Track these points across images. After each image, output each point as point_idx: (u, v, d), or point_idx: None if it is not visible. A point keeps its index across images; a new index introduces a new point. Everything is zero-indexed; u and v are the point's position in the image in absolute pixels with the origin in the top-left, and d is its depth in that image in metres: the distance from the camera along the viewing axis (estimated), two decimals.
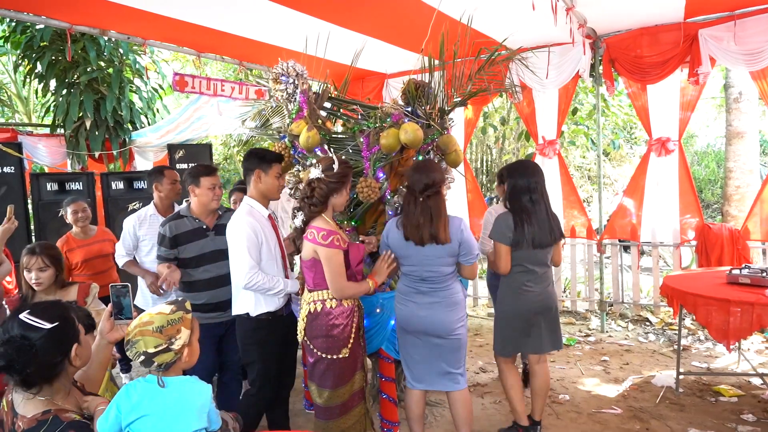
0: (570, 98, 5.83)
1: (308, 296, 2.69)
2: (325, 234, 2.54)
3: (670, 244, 5.45)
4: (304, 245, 2.63)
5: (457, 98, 3.41)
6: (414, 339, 2.83)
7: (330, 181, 2.60)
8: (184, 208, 3.16)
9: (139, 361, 1.61)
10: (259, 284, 2.66)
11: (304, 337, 2.71)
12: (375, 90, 6.78)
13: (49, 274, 2.70)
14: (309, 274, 2.66)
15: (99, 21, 4.71)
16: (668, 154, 5.25)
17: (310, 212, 2.64)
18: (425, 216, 2.66)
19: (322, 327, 2.62)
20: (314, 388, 2.72)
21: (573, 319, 5.88)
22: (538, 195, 2.98)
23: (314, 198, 2.60)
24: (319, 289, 2.64)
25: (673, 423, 3.41)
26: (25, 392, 1.56)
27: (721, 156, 11.68)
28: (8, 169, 5.38)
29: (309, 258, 2.62)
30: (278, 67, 3.36)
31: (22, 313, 1.58)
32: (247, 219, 2.72)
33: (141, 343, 1.61)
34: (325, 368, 2.65)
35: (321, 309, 2.63)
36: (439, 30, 3.36)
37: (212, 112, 7.01)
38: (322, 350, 2.63)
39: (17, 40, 7.26)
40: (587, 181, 11.42)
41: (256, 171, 2.83)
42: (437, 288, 2.75)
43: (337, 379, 2.66)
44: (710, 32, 4.68)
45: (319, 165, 2.64)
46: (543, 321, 3.08)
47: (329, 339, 2.62)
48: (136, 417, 1.57)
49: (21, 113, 11.47)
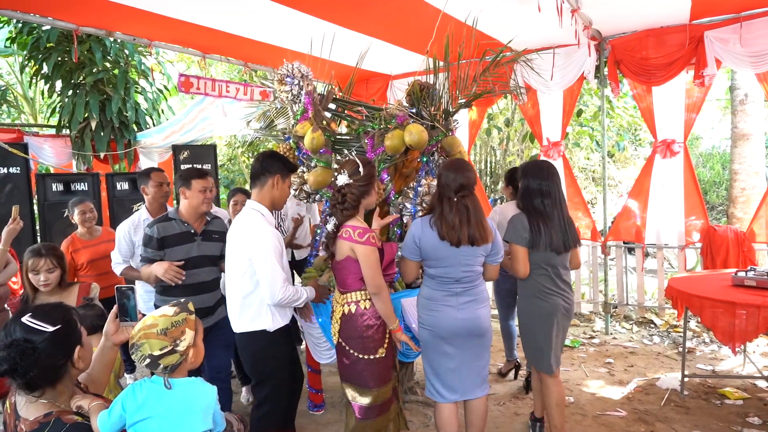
0: (575, 100, 5.82)
1: (341, 298, 2.66)
2: (361, 232, 2.53)
3: (675, 246, 5.43)
4: (339, 245, 2.58)
5: (461, 100, 3.41)
6: (447, 346, 2.64)
7: (360, 185, 2.59)
8: (172, 210, 3.12)
9: (145, 364, 1.61)
10: (289, 297, 2.57)
11: (338, 338, 2.68)
12: (380, 91, 6.78)
13: (57, 275, 2.74)
14: (342, 274, 2.62)
15: (105, 22, 4.73)
16: (673, 156, 5.23)
17: (343, 216, 2.61)
18: (461, 216, 2.55)
19: (357, 328, 2.60)
20: (353, 389, 2.66)
21: (577, 321, 5.86)
22: (551, 199, 2.88)
23: (347, 203, 2.59)
24: (353, 290, 2.61)
25: (678, 426, 3.40)
26: (28, 395, 1.56)
27: (727, 158, 11.64)
28: (14, 169, 5.40)
29: (344, 257, 2.58)
30: (283, 69, 3.37)
31: (25, 316, 1.57)
32: (268, 228, 2.62)
33: (146, 346, 1.61)
34: (363, 369, 2.61)
35: (355, 310, 2.60)
36: (444, 31, 3.36)
37: (217, 113, 7.02)
38: (359, 351, 2.61)
39: (24, 41, 7.29)
40: (592, 183, 11.39)
41: (277, 176, 2.71)
42: (470, 286, 2.65)
43: (379, 378, 2.63)
44: (716, 34, 4.67)
45: (344, 171, 2.61)
46: (562, 327, 2.99)
47: (365, 340, 2.60)
48: (142, 417, 1.57)
49: (27, 114, 11.53)
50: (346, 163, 2.69)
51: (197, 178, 3.04)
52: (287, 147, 3.49)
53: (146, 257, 3.00)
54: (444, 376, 2.68)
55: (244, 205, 3.75)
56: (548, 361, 2.92)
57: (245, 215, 2.70)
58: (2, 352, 1.50)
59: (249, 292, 2.61)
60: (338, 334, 2.67)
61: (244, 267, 2.59)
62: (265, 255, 2.53)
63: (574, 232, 2.96)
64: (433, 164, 3.37)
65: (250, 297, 2.61)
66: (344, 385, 2.72)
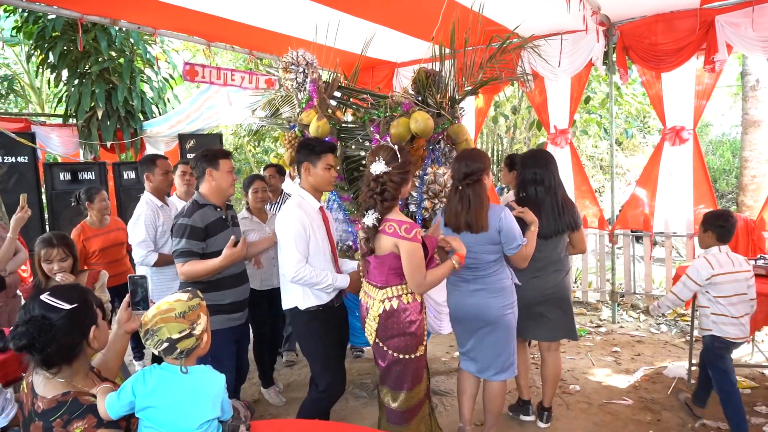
0: (582, 87, 5.76)
1: (380, 294, 2.49)
2: (408, 227, 2.39)
3: (684, 235, 5.39)
4: (382, 240, 2.44)
5: (468, 87, 3.39)
6: (460, 327, 2.86)
7: (399, 172, 2.43)
8: (198, 196, 2.84)
9: (161, 349, 1.62)
10: (306, 278, 2.56)
11: (375, 338, 2.52)
12: (385, 79, 6.74)
13: (69, 264, 2.78)
14: (381, 270, 2.49)
15: (109, 10, 4.72)
16: (682, 144, 5.17)
17: (384, 208, 2.44)
18: (463, 204, 2.65)
19: (398, 325, 2.46)
20: (387, 392, 2.58)
21: (584, 310, 5.85)
22: (544, 187, 2.98)
23: (387, 193, 2.42)
24: (393, 284, 2.48)
25: (684, 414, 3.39)
26: (45, 372, 1.60)
27: (737, 145, 11.52)
28: (22, 158, 5.43)
29: (387, 252, 2.44)
30: (288, 57, 3.35)
31: (43, 294, 1.62)
32: (296, 212, 2.62)
33: (164, 330, 1.62)
34: (402, 370, 2.50)
35: (397, 306, 2.45)
36: (450, 18, 3.32)
37: (222, 101, 7.02)
38: (398, 351, 2.47)
39: (29, 31, 7.29)
40: (599, 171, 11.31)
41: (305, 163, 2.72)
42: (480, 275, 2.70)
43: (414, 378, 2.53)
44: (727, 18, 4.58)
45: (380, 158, 2.44)
46: (552, 310, 3.07)
47: (406, 337, 2.46)
48: (152, 404, 1.58)
49: (34, 103, 11.57)
50: (379, 149, 2.50)
51: (224, 157, 2.85)
52: (292, 135, 3.48)
53: (191, 251, 2.70)
54: (465, 350, 2.85)
55: (265, 191, 3.84)
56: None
57: (288, 201, 2.80)
58: (21, 327, 1.55)
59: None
60: (375, 334, 2.50)
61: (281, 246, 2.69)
62: (286, 236, 2.60)
63: (571, 216, 3.00)
64: (439, 152, 3.36)
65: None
66: (380, 387, 2.64)
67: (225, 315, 2.81)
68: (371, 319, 2.51)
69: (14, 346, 1.56)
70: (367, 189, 2.48)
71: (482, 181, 2.69)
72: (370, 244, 2.49)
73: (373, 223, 2.44)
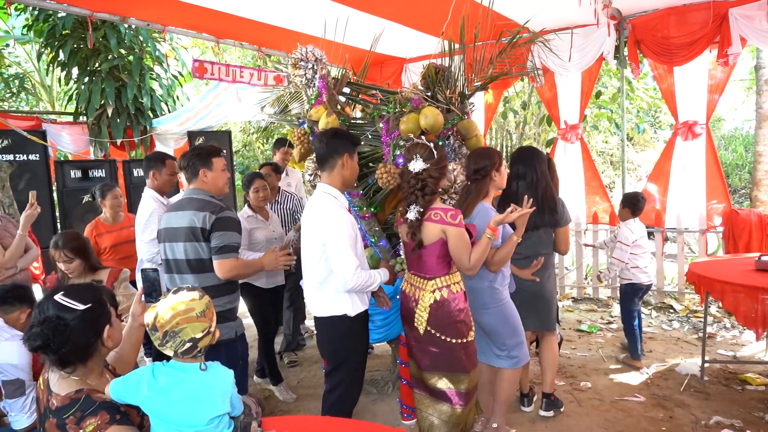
0: (593, 81, 5.71)
1: (429, 284, 2.56)
2: (453, 214, 2.48)
3: (696, 231, 5.34)
4: (429, 229, 2.50)
5: (477, 82, 3.36)
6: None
7: (437, 168, 2.52)
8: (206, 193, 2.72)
9: (183, 350, 1.59)
10: (362, 283, 2.47)
11: (426, 327, 2.56)
12: (394, 75, 6.73)
13: (76, 265, 2.76)
14: (430, 260, 2.55)
15: (119, 8, 4.74)
16: (695, 138, 5.12)
17: (425, 202, 2.52)
18: (464, 197, 2.89)
19: (450, 314, 2.53)
20: (448, 378, 2.60)
21: (595, 307, 5.81)
22: (526, 182, 3.10)
23: (428, 188, 2.51)
24: (441, 274, 2.55)
25: (697, 411, 3.36)
26: (61, 371, 1.61)
27: (750, 140, 11.38)
28: (33, 156, 5.47)
29: (435, 240, 2.50)
30: (297, 53, 3.34)
31: (57, 294, 1.62)
32: (344, 213, 2.52)
33: (188, 330, 1.58)
34: (459, 353, 2.56)
35: (447, 295, 2.53)
36: (460, 13, 3.29)
37: (231, 98, 7.02)
38: (453, 336, 2.54)
39: (40, 29, 7.33)
40: (610, 167, 11.23)
41: (345, 155, 2.56)
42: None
43: (473, 361, 2.62)
44: (741, 11, 4.52)
45: (418, 156, 2.51)
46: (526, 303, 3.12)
47: (459, 324, 2.54)
48: (161, 401, 1.58)
49: (45, 101, 11.65)
50: (416, 147, 2.55)
51: (217, 155, 2.72)
52: (302, 132, 3.47)
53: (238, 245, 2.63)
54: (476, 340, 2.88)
55: (266, 190, 3.80)
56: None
57: (317, 199, 2.61)
58: (36, 328, 1.56)
59: (324, 277, 2.55)
60: (426, 323, 2.56)
61: (318, 252, 2.53)
62: (338, 240, 2.45)
63: (554, 209, 3.09)
64: (449, 148, 3.33)
65: (328, 281, 2.55)
66: (431, 376, 2.63)
67: (237, 321, 2.75)
68: (422, 310, 2.57)
69: (29, 347, 1.57)
70: (407, 186, 2.56)
71: (489, 176, 2.83)
72: (417, 237, 2.53)
73: (416, 216, 2.51)
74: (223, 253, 2.54)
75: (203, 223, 2.54)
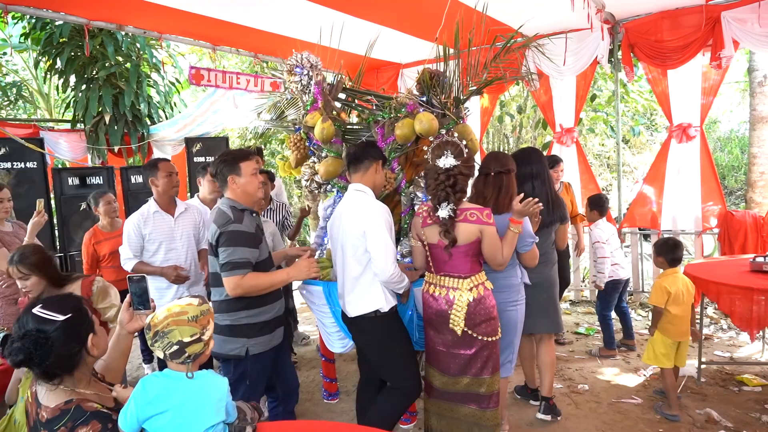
0: (588, 85, 5.75)
1: (465, 283, 2.57)
2: (488, 213, 2.53)
3: (692, 232, 5.36)
4: (466, 228, 2.52)
5: (472, 87, 3.38)
6: None
7: (466, 165, 2.57)
8: (233, 201, 2.57)
9: (170, 352, 1.61)
10: (397, 275, 2.53)
11: (464, 327, 2.55)
12: (390, 80, 6.75)
13: (33, 282, 2.51)
14: (465, 259, 2.57)
15: (116, 16, 4.76)
16: (690, 141, 5.15)
17: (457, 198, 2.54)
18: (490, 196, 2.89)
19: (485, 311, 2.56)
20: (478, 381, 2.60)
21: (592, 309, 5.81)
22: (540, 180, 3.14)
23: (458, 185, 2.54)
24: (476, 272, 2.60)
25: (694, 412, 3.37)
26: (47, 384, 1.59)
27: (745, 141, 11.41)
28: (31, 164, 5.49)
29: (471, 240, 2.53)
30: (292, 59, 3.36)
31: (35, 307, 1.59)
32: (381, 204, 2.60)
33: (176, 333, 1.60)
34: (490, 353, 2.59)
35: (483, 292, 2.58)
36: (454, 18, 3.32)
37: (228, 105, 7.05)
38: (486, 335, 2.57)
39: (37, 37, 7.36)
40: (606, 169, 11.26)
41: (379, 161, 2.71)
42: (489, 271, 2.76)
43: (498, 360, 2.65)
44: (733, 14, 4.56)
45: (448, 153, 2.53)
46: (537, 301, 3.15)
47: (492, 321, 2.58)
48: (156, 412, 1.57)
49: (42, 109, 11.66)
50: (446, 144, 2.56)
51: (244, 159, 2.56)
52: (298, 137, 3.49)
53: (249, 261, 2.43)
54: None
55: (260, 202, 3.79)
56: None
57: (351, 197, 2.68)
58: (17, 343, 1.53)
59: (360, 272, 2.60)
60: (464, 322, 2.54)
61: (355, 246, 2.57)
62: (379, 227, 2.51)
63: (561, 208, 3.20)
64: None
65: (362, 278, 2.60)
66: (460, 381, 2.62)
67: (268, 335, 2.56)
68: (458, 310, 2.56)
69: (11, 362, 1.54)
70: (436, 182, 2.56)
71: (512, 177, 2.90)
72: (452, 235, 2.52)
73: (449, 213, 2.50)
74: (226, 270, 2.40)
75: (212, 238, 2.49)
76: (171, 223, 3.47)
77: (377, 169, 2.71)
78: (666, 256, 3.39)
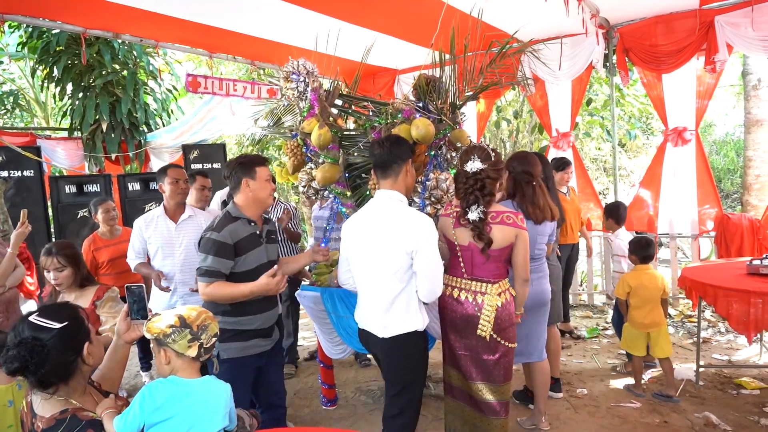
0: (584, 89, 5.77)
1: (494, 288, 2.54)
2: (521, 217, 2.53)
3: (689, 236, 5.37)
4: (503, 231, 2.49)
5: (468, 92, 3.39)
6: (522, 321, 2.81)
7: (494, 169, 2.55)
8: (232, 207, 2.58)
9: (209, 345, 1.70)
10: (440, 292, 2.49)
11: (491, 333, 2.52)
12: (386, 86, 6.78)
13: (67, 274, 2.62)
14: (496, 263, 2.54)
15: (112, 24, 4.78)
16: (685, 144, 5.17)
17: (486, 202, 2.51)
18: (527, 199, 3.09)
19: (509, 317, 2.56)
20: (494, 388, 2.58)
21: (590, 313, 5.82)
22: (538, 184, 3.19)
23: (487, 189, 2.51)
24: (504, 278, 2.59)
25: (692, 416, 3.37)
26: (42, 392, 1.58)
27: (740, 145, 11.46)
28: (28, 172, 5.49)
29: (506, 244, 2.51)
30: (289, 66, 3.37)
31: (32, 315, 1.60)
32: (428, 217, 2.43)
33: (213, 326, 1.72)
34: (509, 359, 2.60)
35: (509, 298, 2.58)
36: (450, 24, 3.34)
37: (225, 112, 7.07)
38: (508, 340, 2.56)
39: (34, 45, 7.38)
40: (603, 173, 11.29)
41: (409, 161, 2.51)
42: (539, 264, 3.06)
43: (511, 368, 2.63)
44: (727, 18, 4.59)
45: (476, 157, 2.53)
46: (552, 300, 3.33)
47: (512, 328, 2.57)
48: (163, 419, 1.57)
49: (39, 117, 11.66)
50: (474, 149, 2.58)
51: (261, 164, 2.56)
52: (295, 144, 3.49)
53: (217, 271, 2.41)
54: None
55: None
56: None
57: (384, 206, 2.45)
58: (13, 350, 1.53)
59: (399, 290, 2.38)
60: (492, 328, 2.51)
61: (398, 263, 2.34)
62: (433, 246, 2.35)
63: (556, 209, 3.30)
64: (441, 158, 3.36)
65: (400, 296, 2.38)
66: (479, 387, 2.60)
67: (240, 342, 2.51)
68: (487, 315, 2.51)
69: (7, 370, 1.54)
70: (464, 186, 2.55)
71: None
72: (486, 237, 2.48)
73: (479, 216, 2.48)
74: (198, 274, 2.46)
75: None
76: (172, 229, 3.48)
77: (408, 170, 2.50)
78: (638, 254, 3.67)
